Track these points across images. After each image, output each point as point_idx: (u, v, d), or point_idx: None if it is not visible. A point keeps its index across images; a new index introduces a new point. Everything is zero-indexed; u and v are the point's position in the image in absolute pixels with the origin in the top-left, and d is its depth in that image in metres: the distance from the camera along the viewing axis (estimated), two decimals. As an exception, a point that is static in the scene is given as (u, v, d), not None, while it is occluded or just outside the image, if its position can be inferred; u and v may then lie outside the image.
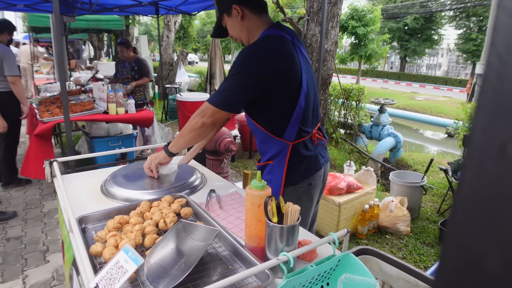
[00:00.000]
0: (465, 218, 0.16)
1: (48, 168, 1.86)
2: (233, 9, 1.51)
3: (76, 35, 13.22)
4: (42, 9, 5.68)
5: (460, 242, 0.16)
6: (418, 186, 3.68)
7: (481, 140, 0.15)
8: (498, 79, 0.14)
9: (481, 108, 0.15)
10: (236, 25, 1.55)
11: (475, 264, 0.15)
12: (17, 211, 3.67)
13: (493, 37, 0.14)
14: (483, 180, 0.15)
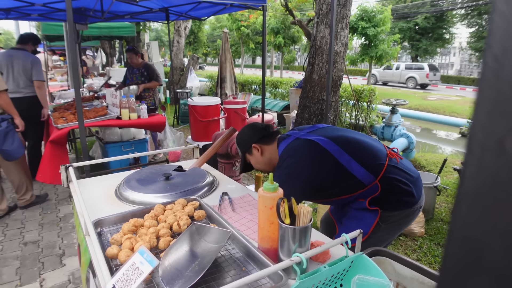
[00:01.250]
0: (467, 211, 0.16)
1: (64, 173, 1.90)
2: (253, 148, 1.77)
3: (89, 42, 13.46)
4: (55, 17, 5.80)
5: (463, 233, 0.17)
6: (432, 187, 3.63)
7: (480, 136, 0.16)
8: (494, 78, 0.15)
9: (479, 105, 0.16)
10: (259, 160, 1.78)
11: (478, 253, 0.16)
12: (33, 215, 3.75)
13: (489, 39, 0.15)
14: (483, 174, 0.16)
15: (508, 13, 0.14)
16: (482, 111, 0.16)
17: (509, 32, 0.14)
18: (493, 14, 0.15)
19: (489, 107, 0.15)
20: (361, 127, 6.59)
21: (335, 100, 5.36)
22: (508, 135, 0.15)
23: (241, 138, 1.84)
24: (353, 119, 6.78)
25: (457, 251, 0.17)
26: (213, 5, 5.24)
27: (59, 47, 12.90)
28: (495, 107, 0.15)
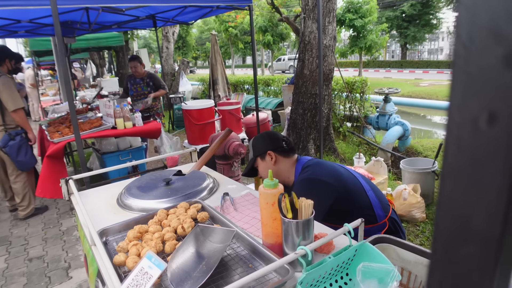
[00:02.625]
0: (452, 185, 0.18)
1: (64, 186, 1.91)
2: (267, 154, 1.75)
3: (78, 55, 13.41)
4: (42, 33, 5.78)
5: (449, 206, 0.18)
6: (430, 172, 3.67)
7: (457, 117, 0.17)
8: (464, 63, 0.17)
9: (453, 88, 0.18)
10: (266, 168, 1.75)
11: (464, 224, 0.18)
12: (36, 231, 3.76)
13: (457, 30, 0.17)
14: (463, 152, 0.17)
15: (471, 6, 0.16)
16: (457, 94, 0.17)
17: (474, 23, 0.16)
18: (459, 6, 0.17)
19: (462, 90, 0.17)
20: (356, 118, 6.63)
21: (328, 94, 5.39)
22: (481, 114, 0.16)
23: (258, 141, 1.83)
24: (347, 111, 6.82)
25: (446, 223, 0.19)
26: (200, 8, 5.25)
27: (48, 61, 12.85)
28: (468, 89, 0.17)
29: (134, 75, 5.04)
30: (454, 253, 0.18)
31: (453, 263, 0.19)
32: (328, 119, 5.44)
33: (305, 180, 1.60)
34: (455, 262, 0.18)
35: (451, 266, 0.19)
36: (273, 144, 1.78)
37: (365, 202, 1.63)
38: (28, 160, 3.90)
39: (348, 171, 1.69)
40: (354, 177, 1.66)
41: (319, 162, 1.69)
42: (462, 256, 0.18)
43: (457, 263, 0.18)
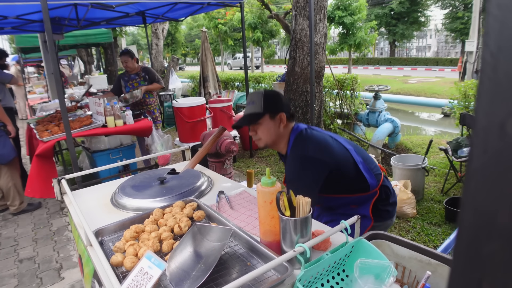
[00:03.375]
0: (476, 186, 0.19)
1: (56, 186, 1.89)
2: (279, 115, 1.62)
3: (65, 51, 13.21)
4: (29, 29, 5.69)
5: (474, 206, 0.19)
6: (420, 168, 3.72)
7: (484, 121, 0.18)
8: (492, 71, 0.17)
9: (481, 95, 0.18)
10: (271, 129, 1.63)
11: (489, 220, 0.18)
12: (26, 232, 3.71)
13: (486, 38, 0.18)
14: (488, 154, 0.18)
15: (500, 16, 0.17)
16: (484, 100, 0.18)
17: (502, 32, 0.17)
18: (488, 17, 0.17)
19: (489, 97, 0.18)
20: (346, 115, 6.67)
21: (319, 91, 5.42)
22: (508, 119, 0.17)
23: (272, 98, 1.64)
24: (337, 108, 6.86)
25: (471, 221, 0.20)
26: (190, 5, 5.22)
27: (34, 58, 12.63)
28: (495, 96, 0.18)
29: (128, 71, 4.76)
30: (478, 251, 0.19)
31: (476, 261, 0.20)
32: (319, 116, 5.47)
33: (296, 157, 1.58)
34: (479, 259, 0.19)
35: (475, 263, 0.20)
36: (286, 106, 1.66)
37: (356, 174, 1.63)
38: (7, 152, 3.87)
39: (339, 143, 1.65)
40: (346, 150, 1.63)
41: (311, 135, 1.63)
42: (486, 253, 0.19)
43: (481, 260, 0.19)
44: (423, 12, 26.83)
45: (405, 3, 25.35)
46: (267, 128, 1.63)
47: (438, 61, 26.34)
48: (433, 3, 26.31)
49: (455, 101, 4.89)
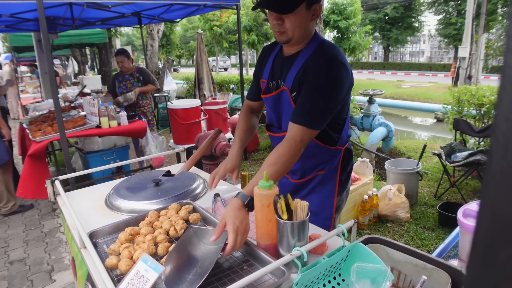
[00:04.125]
0: (495, 190, 0.19)
1: (50, 187, 1.86)
2: (315, 6, 1.34)
3: (59, 51, 13.12)
4: (23, 28, 5.64)
5: (492, 210, 0.19)
6: (414, 173, 3.74)
7: (504, 126, 0.18)
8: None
9: (502, 99, 0.18)
10: (303, 22, 1.33)
11: (507, 225, 0.18)
12: (17, 233, 3.66)
13: (508, 42, 0.17)
14: (508, 159, 0.18)
15: (524, 19, 0.17)
16: (505, 105, 0.18)
17: (526, 36, 0.17)
18: (510, 20, 0.17)
19: (510, 101, 0.18)
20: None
21: (314, 94, 5.42)
22: (529, 124, 0.17)
23: None
24: (332, 111, 6.88)
25: (488, 226, 0.19)
26: (186, 6, 5.22)
27: (28, 58, 12.53)
28: (516, 100, 0.18)
29: (123, 71, 4.69)
30: (496, 254, 0.19)
31: (493, 266, 0.19)
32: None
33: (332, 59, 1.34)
34: (495, 265, 0.19)
35: (491, 269, 0.19)
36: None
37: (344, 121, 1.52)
38: (1, 155, 3.83)
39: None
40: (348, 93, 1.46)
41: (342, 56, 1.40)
42: (503, 259, 0.19)
43: (497, 266, 0.19)
44: (417, 17, 27.13)
45: (399, 9, 25.62)
46: (299, 19, 1.32)
47: (431, 66, 26.61)
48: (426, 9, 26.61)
49: (448, 106, 4.93)
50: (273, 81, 1.55)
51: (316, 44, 1.41)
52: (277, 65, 1.53)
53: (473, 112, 4.48)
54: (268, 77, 1.56)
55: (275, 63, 1.55)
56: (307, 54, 1.40)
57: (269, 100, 1.56)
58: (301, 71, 1.39)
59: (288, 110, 1.47)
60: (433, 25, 28.75)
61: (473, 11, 12.28)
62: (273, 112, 1.58)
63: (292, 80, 1.42)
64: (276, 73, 1.53)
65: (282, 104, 1.51)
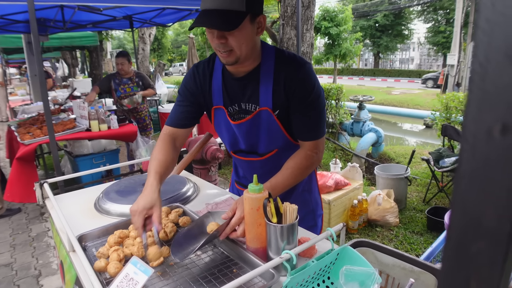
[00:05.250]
0: (465, 188, 0.20)
1: (38, 190, 1.84)
2: (259, 18, 1.24)
3: (49, 53, 13.00)
4: (13, 30, 5.59)
5: (463, 206, 0.20)
6: (403, 178, 3.79)
7: (472, 127, 0.20)
8: (481, 80, 0.19)
9: (470, 102, 0.20)
10: (249, 37, 1.22)
11: (476, 221, 0.20)
12: (3, 237, 3.60)
13: (475, 50, 0.19)
14: (477, 158, 0.19)
15: (489, 30, 0.18)
16: (473, 107, 0.19)
17: (490, 44, 0.18)
18: (477, 30, 0.19)
19: (478, 104, 0.19)
20: (331, 125, 6.75)
21: (305, 100, 5.46)
22: (495, 125, 0.18)
23: None
24: (323, 117, 6.93)
25: (459, 222, 0.21)
26: (178, 11, 5.23)
27: (17, 59, 12.39)
28: (483, 103, 0.19)
29: (120, 74, 4.63)
30: (466, 249, 0.21)
31: (464, 258, 0.21)
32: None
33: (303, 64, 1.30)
34: (467, 257, 0.21)
35: (463, 261, 0.21)
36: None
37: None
38: None
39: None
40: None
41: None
42: (474, 251, 0.20)
43: (469, 258, 0.20)
44: (407, 25, 27.56)
45: (390, 16, 26.00)
46: (244, 35, 1.19)
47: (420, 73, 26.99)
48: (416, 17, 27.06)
49: (437, 113, 5.01)
50: (232, 105, 1.39)
51: (272, 54, 1.32)
52: (232, 88, 1.37)
53: (461, 118, 4.56)
54: (224, 102, 1.40)
55: (227, 87, 1.38)
56: (270, 67, 1.31)
57: (242, 125, 1.39)
58: (279, 87, 1.30)
59: (270, 130, 1.37)
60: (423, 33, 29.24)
61: (462, 20, 12.53)
62: (245, 137, 1.43)
63: (271, 99, 1.31)
64: (235, 97, 1.38)
65: (260, 127, 1.37)
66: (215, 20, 1.15)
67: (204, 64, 1.43)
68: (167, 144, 1.45)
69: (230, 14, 1.14)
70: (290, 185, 1.34)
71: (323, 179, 3.31)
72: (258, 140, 1.42)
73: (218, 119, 1.46)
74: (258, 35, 1.27)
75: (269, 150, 1.44)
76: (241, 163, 1.58)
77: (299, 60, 1.31)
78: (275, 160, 1.44)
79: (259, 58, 1.32)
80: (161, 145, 1.45)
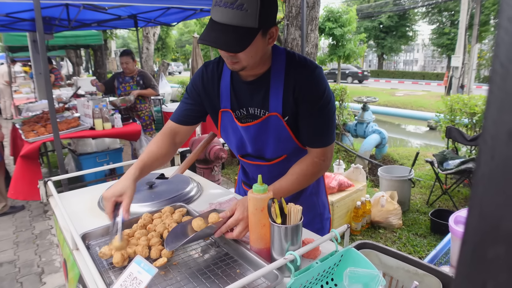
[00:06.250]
0: (483, 191, 0.20)
1: (42, 187, 1.85)
2: (271, 30, 1.19)
3: (54, 52, 13.06)
4: (18, 28, 5.62)
5: (481, 210, 0.20)
6: (407, 180, 3.78)
7: (492, 129, 0.19)
8: (502, 81, 0.18)
9: (490, 103, 0.19)
10: (259, 50, 1.18)
11: (495, 225, 0.19)
12: (7, 235, 3.61)
13: (496, 50, 0.18)
14: (496, 161, 0.19)
15: (511, 28, 0.18)
16: (493, 108, 0.19)
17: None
18: (499, 29, 0.18)
19: (498, 105, 0.19)
20: (335, 126, 6.73)
21: (309, 100, 5.45)
22: (516, 127, 0.18)
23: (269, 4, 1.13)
24: (326, 118, 6.92)
25: (476, 225, 0.20)
26: (183, 10, 5.24)
27: (22, 58, 12.45)
28: (504, 104, 0.19)
29: (124, 72, 4.64)
30: (484, 254, 0.20)
31: (481, 263, 0.20)
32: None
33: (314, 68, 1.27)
34: (484, 262, 0.20)
35: (480, 266, 0.20)
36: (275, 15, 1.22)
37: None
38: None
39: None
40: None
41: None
42: (491, 256, 0.20)
43: (486, 263, 0.20)
44: (411, 27, 27.48)
45: (394, 18, 25.94)
46: (255, 49, 1.16)
47: (424, 75, 26.91)
48: (421, 19, 26.97)
49: (441, 115, 4.99)
50: (240, 109, 1.37)
51: (282, 57, 1.29)
52: (240, 91, 1.35)
53: (465, 120, 4.54)
54: (231, 106, 1.37)
55: (236, 90, 1.36)
56: (281, 71, 1.28)
57: (250, 128, 1.36)
58: (289, 92, 1.27)
59: (279, 136, 1.35)
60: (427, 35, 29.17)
61: (466, 22, 12.47)
62: (252, 141, 1.40)
63: (281, 105, 1.28)
64: (243, 100, 1.35)
65: (268, 132, 1.35)
66: (223, 38, 1.10)
67: (214, 65, 1.41)
68: (165, 137, 1.45)
69: (241, 31, 1.09)
70: (293, 191, 1.33)
71: (326, 180, 3.30)
72: (266, 145, 1.39)
73: (225, 122, 1.44)
74: (270, 45, 1.23)
75: (277, 155, 1.41)
76: (249, 166, 1.56)
77: (310, 65, 1.28)
78: (284, 165, 1.42)
79: (269, 61, 1.29)
80: (159, 137, 1.45)
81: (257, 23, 1.09)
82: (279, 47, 1.33)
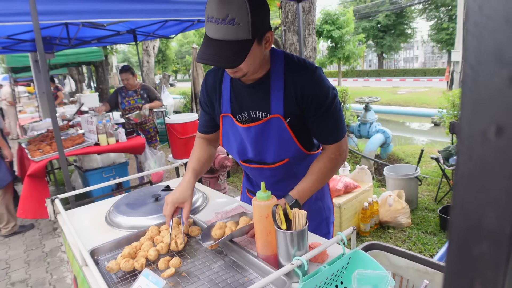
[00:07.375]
0: (464, 191, 0.20)
1: (50, 206, 1.87)
2: (266, 35, 1.21)
3: (56, 70, 13.22)
4: (20, 49, 5.70)
5: (463, 209, 0.20)
6: (413, 178, 3.76)
7: (467, 130, 0.20)
8: (473, 83, 0.19)
9: (464, 105, 0.20)
10: (257, 57, 1.20)
11: (477, 224, 0.20)
12: (18, 254, 3.64)
13: (465, 54, 0.19)
14: (473, 160, 0.20)
15: (478, 34, 0.18)
16: (467, 110, 0.20)
17: (480, 49, 0.18)
18: (467, 34, 0.19)
19: (471, 106, 0.19)
20: (338, 127, 6.71)
21: (310, 104, 5.46)
22: (490, 127, 0.19)
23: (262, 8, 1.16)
24: (329, 120, 6.91)
25: (460, 224, 0.21)
26: (180, 22, 5.29)
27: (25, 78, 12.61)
28: (476, 106, 0.19)
29: (126, 87, 4.75)
30: (469, 252, 0.21)
31: (468, 261, 0.21)
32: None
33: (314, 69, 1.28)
34: (470, 260, 0.21)
35: (466, 264, 0.21)
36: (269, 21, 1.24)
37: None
38: (2, 176, 3.86)
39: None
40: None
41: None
42: (476, 254, 0.20)
43: (472, 260, 0.20)
44: (409, 24, 27.47)
45: (391, 16, 25.97)
46: (252, 57, 1.18)
47: (425, 71, 26.84)
48: (418, 16, 26.98)
49: (444, 110, 4.97)
50: (241, 113, 1.39)
51: (281, 59, 1.31)
52: (241, 95, 1.37)
53: (469, 115, 4.51)
54: (232, 110, 1.40)
55: (237, 94, 1.38)
56: (280, 73, 1.30)
57: (251, 129, 1.36)
58: (290, 94, 1.29)
59: (281, 138, 1.35)
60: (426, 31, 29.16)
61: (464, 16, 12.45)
62: (252, 143, 1.40)
63: (283, 106, 1.30)
64: (244, 104, 1.37)
65: (269, 134, 1.35)
66: (221, 55, 1.11)
67: (214, 72, 1.46)
68: (203, 143, 1.60)
69: (237, 45, 1.11)
70: (316, 190, 1.36)
71: (332, 182, 3.30)
72: (267, 148, 1.39)
73: (226, 127, 1.46)
74: (267, 49, 1.25)
75: (279, 159, 1.41)
76: (251, 171, 1.56)
77: (309, 66, 1.29)
78: (287, 169, 1.43)
79: (268, 64, 1.31)
80: (198, 144, 1.60)
81: (250, 34, 1.12)
82: (277, 49, 1.35)
